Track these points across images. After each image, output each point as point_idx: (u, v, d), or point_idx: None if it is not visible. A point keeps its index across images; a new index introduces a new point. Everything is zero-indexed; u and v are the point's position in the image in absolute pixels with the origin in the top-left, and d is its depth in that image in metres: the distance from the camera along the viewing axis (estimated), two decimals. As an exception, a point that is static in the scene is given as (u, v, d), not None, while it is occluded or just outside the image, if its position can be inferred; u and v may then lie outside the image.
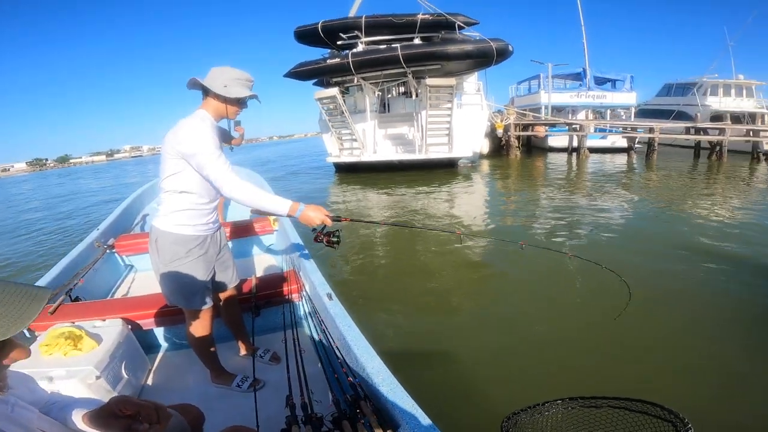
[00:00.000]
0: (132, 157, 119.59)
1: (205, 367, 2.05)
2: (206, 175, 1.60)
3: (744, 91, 20.70)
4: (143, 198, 4.86)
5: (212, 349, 2.02)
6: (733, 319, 3.26)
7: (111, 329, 1.97)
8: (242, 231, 3.54)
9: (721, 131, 14.90)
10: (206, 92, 1.69)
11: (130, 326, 2.11)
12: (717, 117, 18.04)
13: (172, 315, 2.18)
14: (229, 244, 3.48)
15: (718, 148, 14.85)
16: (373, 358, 1.48)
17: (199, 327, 1.89)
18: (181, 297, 1.80)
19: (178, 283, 1.77)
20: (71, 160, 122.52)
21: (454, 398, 2.41)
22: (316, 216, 1.71)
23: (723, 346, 2.88)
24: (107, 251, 3.21)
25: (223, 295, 2.07)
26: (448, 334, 3.21)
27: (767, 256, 4.53)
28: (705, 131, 15.91)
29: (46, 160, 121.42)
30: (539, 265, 4.24)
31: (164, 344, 2.39)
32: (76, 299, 2.46)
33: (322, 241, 1.88)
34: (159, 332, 2.36)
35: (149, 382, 2.12)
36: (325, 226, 1.78)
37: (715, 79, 20.75)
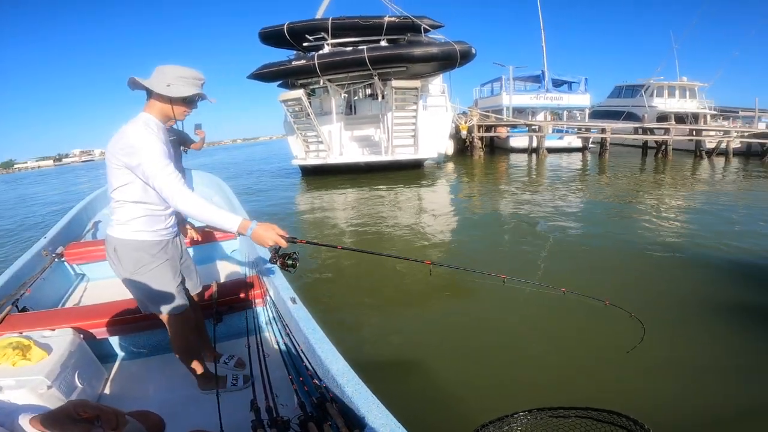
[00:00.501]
0: (82, 161, 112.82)
1: (167, 375, 2.00)
2: (153, 185, 1.51)
3: (687, 93, 22.27)
4: (94, 204, 4.65)
5: (198, 354, 1.96)
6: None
7: (61, 339, 1.91)
8: (204, 237, 3.44)
9: (666, 131, 15.98)
10: (150, 93, 1.59)
11: (82, 335, 2.05)
12: (663, 117, 19.29)
13: (129, 323, 2.14)
14: (191, 250, 3.40)
15: (663, 147, 15.93)
16: (337, 360, 1.48)
17: (181, 332, 1.83)
18: (155, 304, 1.74)
19: (148, 291, 1.70)
20: (16, 165, 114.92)
21: (421, 402, 2.44)
22: (268, 236, 1.55)
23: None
24: (56, 260, 3.09)
25: None
26: (413, 339, 3.23)
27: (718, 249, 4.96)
28: (652, 131, 16.98)
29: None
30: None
31: (121, 353, 2.32)
32: (24, 309, 2.38)
33: (276, 263, 1.73)
34: (115, 341, 2.29)
35: (106, 391, 2.07)
36: (279, 247, 1.62)
37: (661, 81, 22.20)
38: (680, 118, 19.23)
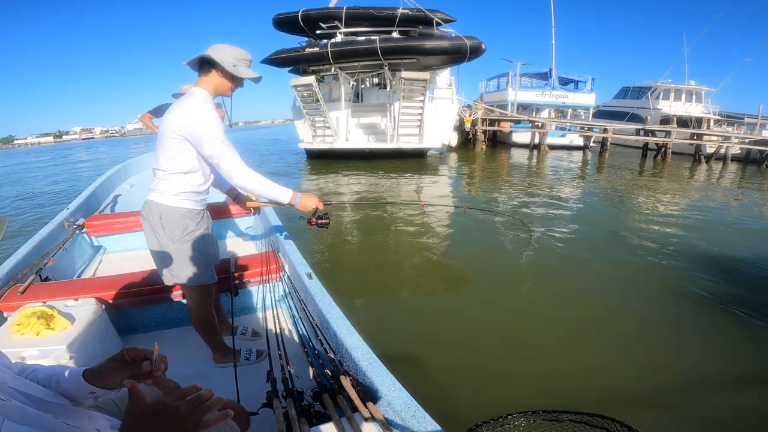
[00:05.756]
0: (83, 139, 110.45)
1: (182, 349, 2.00)
2: (216, 163, 1.61)
3: (693, 97, 22.09)
4: (114, 179, 4.74)
5: (215, 327, 1.99)
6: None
7: (84, 308, 1.93)
8: (221, 212, 3.48)
9: (667, 134, 16.02)
10: (209, 68, 1.63)
11: (103, 306, 2.07)
12: (666, 120, 19.31)
13: (147, 295, 2.17)
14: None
15: (663, 149, 15.96)
16: (352, 334, 1.51)
17: (206, 305, 1.87)
18: (193, 273, 1.75)
19: (191, 259, 1.72)
20: (15, 141, 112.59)
21: (430, 377, 2.59)
22: (312, 202, 1.87)
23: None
24: (77, 231, 3.13)
25: None
26: (422, 313, 3.43)
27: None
28: (653, 133, 17.05)
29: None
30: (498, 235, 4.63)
31: (138, 325, 2.34)
32: (46, 279, 2.39)
33: (314, 224, 2.03)
34: (133, 313, 2.31)
35: None
36: (316, 210, 1.93)
37: (668, 84, 22.04)
38: (683, 122, 19.27)
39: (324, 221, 2.05)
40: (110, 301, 2.12)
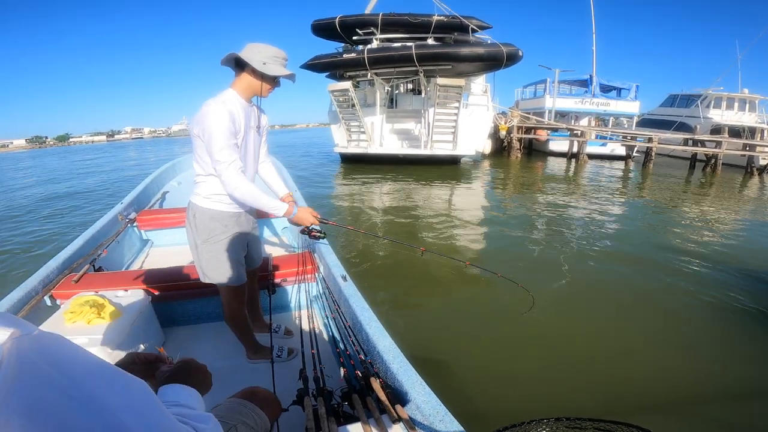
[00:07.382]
0: (133, 138, 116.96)
1: (220, 343, 2.07)
2: (213, 167, 1.58)
3: (747, 105, 20.59)
4: (164, 176, 5.00)
5: (248, 325, 2.02)
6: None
7: (132, 300, 2.01)
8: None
9: (718, 144, 15.04)
10: (241, 68, 1.60)
11: (150, 298, 2.15)
12: (716, 130, 18.18)
13: (191, 289, 2.25)
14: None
15: (713, 160, 14.98)
16: (384, 337, 1.52)
17: (236, 304, 1.89)
18: (219, 274, 1.78)
19: (212, 260, 1.75)
20: (71, 139, 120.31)
21: (459, 381, 2.60)
22: (307, 218, 1.82)
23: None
24: (129, 225, 3.31)
25: (247, 272, 2.03)
26: (452, 318, 3.42)
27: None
28: (702, 143, 16.07)
29: (46, 137, 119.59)
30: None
31: (179, 318, 2.41)
32: (99, 269, 2.53)
33: (307, 234, 1.97)
34: (175, 306, 2.38)
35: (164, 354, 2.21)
36: (313, 225, 1.89)
37: (720, 92, 20.66)
38: (735, 132, 18.09)
39: (318, 233, 2.00)
40: (156, 294, 2.20)
